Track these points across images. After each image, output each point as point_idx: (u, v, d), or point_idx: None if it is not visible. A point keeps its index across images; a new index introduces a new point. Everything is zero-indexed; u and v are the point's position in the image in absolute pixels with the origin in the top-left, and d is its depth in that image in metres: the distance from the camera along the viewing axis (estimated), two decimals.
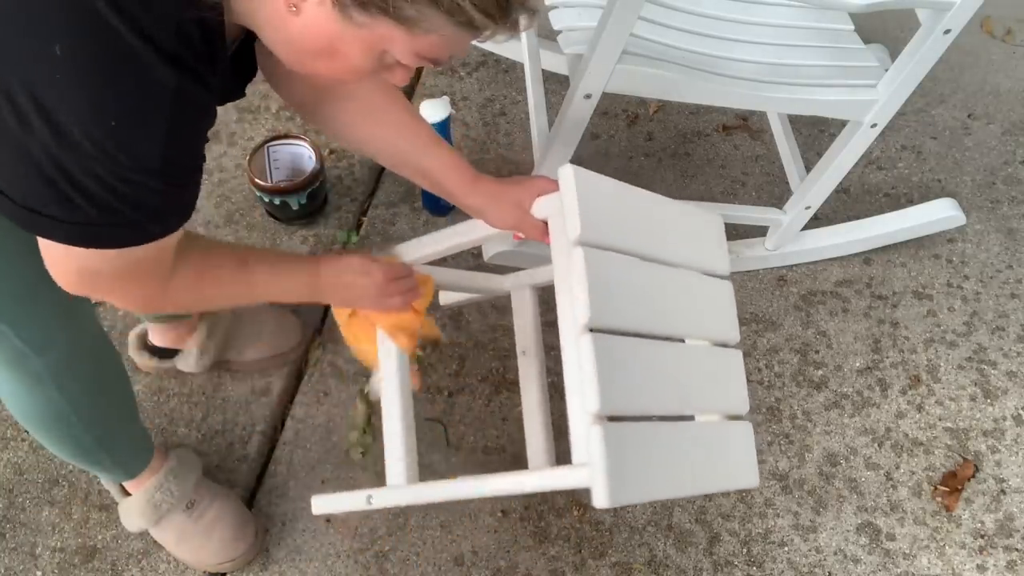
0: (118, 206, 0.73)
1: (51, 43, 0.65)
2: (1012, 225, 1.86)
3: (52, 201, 0.71)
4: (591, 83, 1.34)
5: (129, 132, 0.69)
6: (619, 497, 0.90)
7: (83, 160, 0.69)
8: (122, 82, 0.67)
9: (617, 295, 1.02)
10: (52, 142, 0.68)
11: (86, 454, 1.23)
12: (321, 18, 0.69)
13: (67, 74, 0.66)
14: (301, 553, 1.41)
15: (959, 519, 1.46)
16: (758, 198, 1.90)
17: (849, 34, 1.58)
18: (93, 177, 0.70)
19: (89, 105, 0.67)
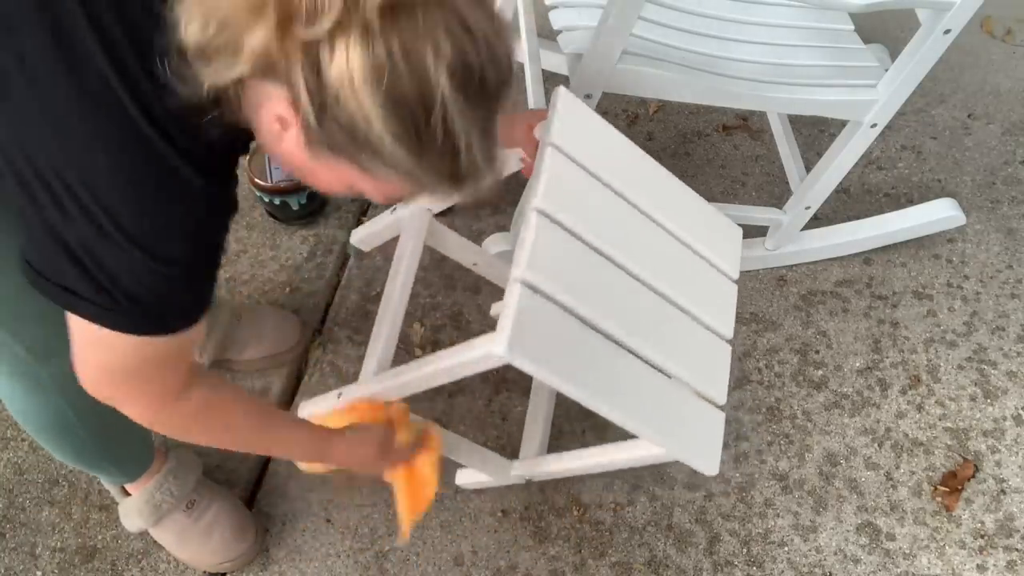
0: (143, 295, 0.77)
1: (95, 150, 0.71)
2: (1012, 225, 1.86)
3: (81, 281, 0.76)
4: (591, 83, 1.34)
5: (164, 232, 0.75)
6: (518, 349, 0.93)
7: (116, 251, 0.74)
8: (161, 191, 0.74)
9: (573, 204, 1.10)
10: (88, 233, 0.73)
11: (89, 459, 1.23)
12: (297, 152, 0.73)
13: (109, 178, 0.72)
14: (301, 553, 1.41)
15: (959, 519, 1.46)
16: (758, 198, 1.90)
17: (849, 34, 1.58)
18: (125, 268, 0.75)
19: (128, 207, 0.73)
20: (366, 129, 0.67)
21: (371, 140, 0.68)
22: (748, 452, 1.53)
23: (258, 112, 0.73)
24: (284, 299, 1.68)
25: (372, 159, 0.70)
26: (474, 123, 0.70)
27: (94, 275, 0.75)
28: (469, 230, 1.82)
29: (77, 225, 0.73)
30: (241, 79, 0.68)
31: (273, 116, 0.71)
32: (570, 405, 1.57)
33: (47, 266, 0.77)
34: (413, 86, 0.66)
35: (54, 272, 0.77)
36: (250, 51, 0.65)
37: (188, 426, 0.95)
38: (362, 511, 1.45)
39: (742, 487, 1.49)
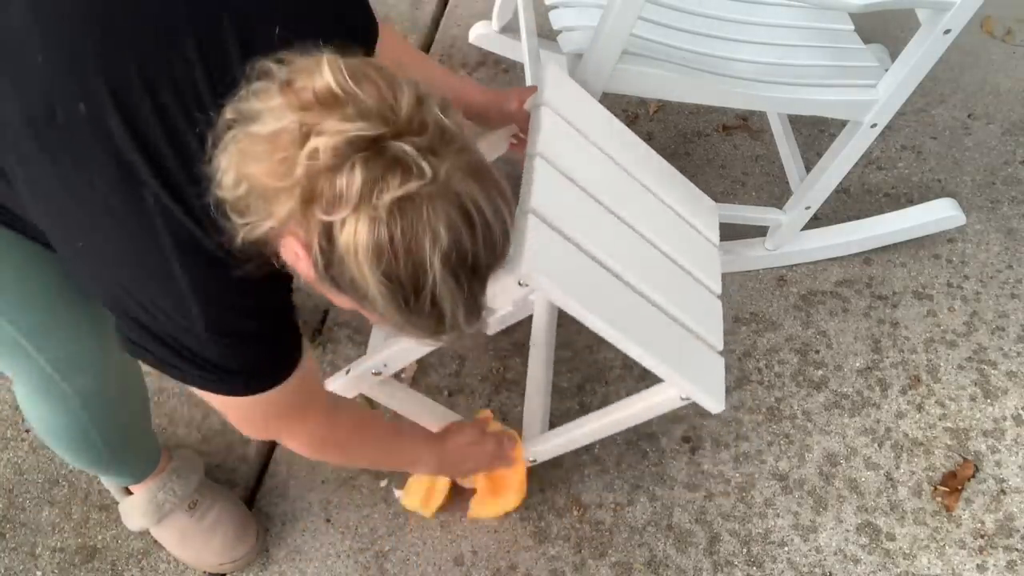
0: (237, 367, 0.89)
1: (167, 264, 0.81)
2: (1012, 225, 1.86)
3: (182, 362, 0.87)
4: (591, 83, 1.34)
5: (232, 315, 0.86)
6: (537, 270, 0.97)
7: (200, 342, 0.85)
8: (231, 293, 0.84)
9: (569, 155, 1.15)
10: (174, 329, 0.84)
11: (101, 464, 1.24)
12: (310, 276, 0.80)
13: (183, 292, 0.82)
14: (301, 553, 1.41)
15: (959, 519, 1.46)
16: (758, 198, 1.90)
17: (849, 34, 1.58)
18: (214, 353, 0.86)
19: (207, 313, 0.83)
20: (364, 288, 0.75)
21: (368, 297, 0.76)
22: (748, 452, 1.53)
23: (279, 242, 0.80)
24: None
25: (369, 307, 0.79)
26: (460, 297, 0.78)
27: (189, 359, 0.86)
28: None
29: (161, 323, 0.83)
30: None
31: (291, 249, 0.78)
32: (561, 390, 1.57)
33: (150, 346, 0.87)
34: (408, 268, 0.74)
35: (160, 354, 0.87)
36: (277, 216, 0.73)
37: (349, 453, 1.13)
38: (362, 511, 1.45)
39: (742, 487, 1.49)
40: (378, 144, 0.71)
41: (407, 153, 0.71)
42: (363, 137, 0.70)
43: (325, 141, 0.70)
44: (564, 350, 1.64)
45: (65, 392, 1.05)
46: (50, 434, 1.14)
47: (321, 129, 0.70)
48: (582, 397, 1.58)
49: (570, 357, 1.63)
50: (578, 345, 1.64)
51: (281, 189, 0.72)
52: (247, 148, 0.73)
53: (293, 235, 0.75)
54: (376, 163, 0.71)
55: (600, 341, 1.65)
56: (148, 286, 0.82)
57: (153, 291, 0.82)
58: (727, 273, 1.77)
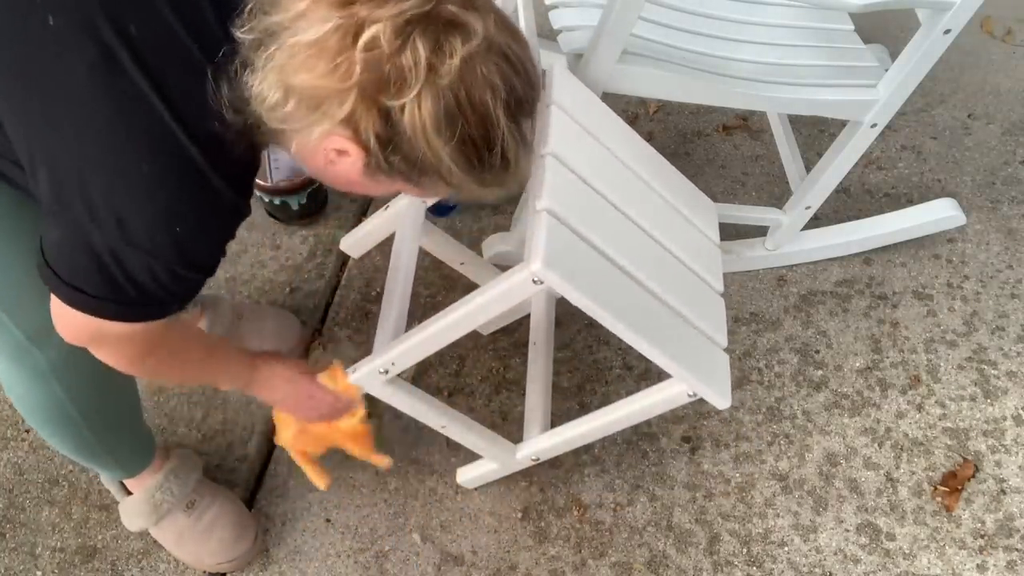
0: (157, 293, 0.85)
1: (137, 162, 0.77)
2: (1012, 225, 1.86)
3: (100, 284, 0.83)
4: (591, 83, 1.34)
5: (193, 239, 0.83)
6: (552, 266, 0.98)
7: (142, 256, 0.81)
8: (197, 201, 0.81)
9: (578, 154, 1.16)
10: (117, 238, 0.79)
11: (87, 451, 1.23)
12: (352, 172, 0.82)
13: (148, 188, 0.78)
14: (301, 553, 1.41)
15: (959, 519, 1.46)
16: (758, 198, 1.90)
17: (849, 34, 1.58)
18: (147, 270, 0.82)
19: (163, 215, 0.80)
20: (435, 163, 0.78)
21: (437, 169, 0.79)
22: (748, 452, 1.53)
23: (310, 146, 0.80)
24: (284, 299, 1.68)
25: (431, 179, 0.81)
26: (522, 140, 0.81)
27: (112, 275, 0.81)
28: (469, 230, 1.82)
29: (106, 232, 0.79)
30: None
31: (330, 149, 0.79)
32: (561, 390, 1.57)
33: (67, 270, 0.83)
34: (479, 127, 0.77)
35: (74, 276, 0.83)
36: (333, 118, 0.74)
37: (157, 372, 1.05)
38: (362, 511, 1.45)
39: (742, 487, 1.49)
40: (430, 15, 0.73)
41: (457, 15, 0.74)
42: (420, 12, 0.73)
43: (382, 27, 0.72)
44: (564, 350, 1.64)
45: (38, 362, 1.05)
46: (28, 409, 1.14)
47: (375, 17, 0.72)
48: (582, 397, 1.58)
49: (570, 357, 1.63)
50: (578, 345, 1.64)
51: (336, 90, 0.73)
52: (289, 60, 0.74)
53: (339, 135, 0.77)
54: (433, 33, 0.73)
55: (600, 341, 1.65)
56: (108, 176, 0.78)
57: (110, 183, 0.78)
58: (727, 273, 1.77)
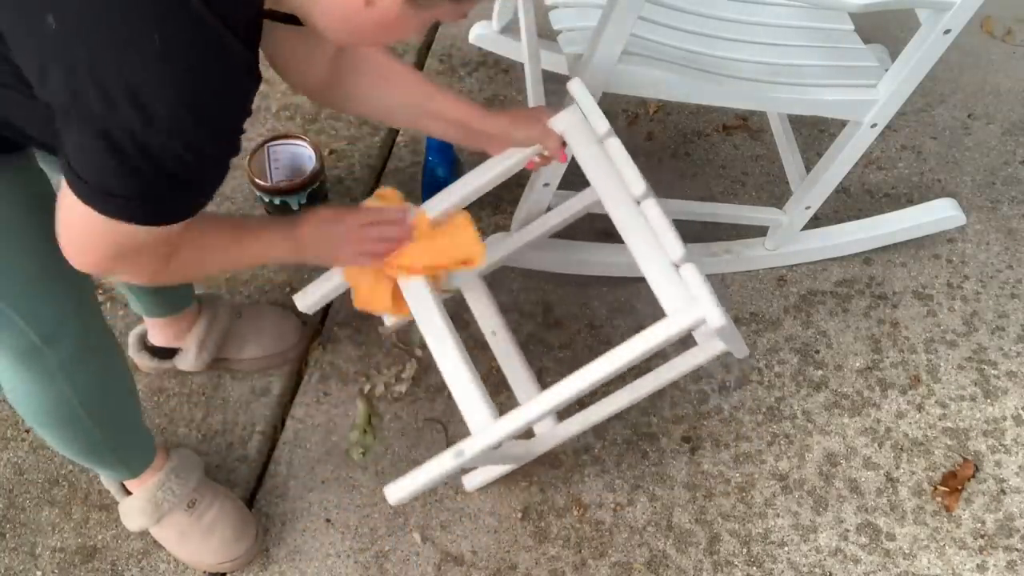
0: (187, 181, 0.83)
1: (149, 32, 0.72)
2: (1012, 225, 1.86)
3: (127, 180, 0.79)
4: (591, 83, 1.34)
5: (212, 106, 0.78)
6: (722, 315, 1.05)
7: (161, 135, 0.76)
8: (212, 66, 0.76)
9: None
10: (137, 121, 0.75)
11: (93, 452, 1.23)
12: (392, 8, 0.80)
13: (162, 58, 0.73)
14: (301, 553, 1.41)
15: (959, 519, 1.46)
16: (758, 198, 1.90)
17: (849, 34, 1.58)
18: (172, 153, 0.78)
19: (179, 85, 0.75)
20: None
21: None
22: (748, 452, 1.53)
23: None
24: (284, 299, 1.68)
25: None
26: None
27: (138, 167, 0.78)
28: None
29: (124, 117, 0.75)
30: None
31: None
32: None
33: (90, 170, 0.79)
34: None
35: (98, 176, 0.79)
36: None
37: (186, 274, 1.02)
38: (362, 511, 1.45)
39: (742, 487, 1.49)
40: None
41: None
42: None
43: None
44: (564, 350, 1.64)
45: (48, 362, 1.04)
46: (32, 411, 1.12)
47: None
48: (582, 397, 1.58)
49: (570, 357, 1.63)
50: (578, 345, 1.64)
51: None
52: None
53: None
54: None
55: (600, 341, 1.65)
56: (119, 53, 0.73)
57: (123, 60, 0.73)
58: (727, 273, 1.77)
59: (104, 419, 1.18)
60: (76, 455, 1.24)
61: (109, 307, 1.67)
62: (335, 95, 1.19)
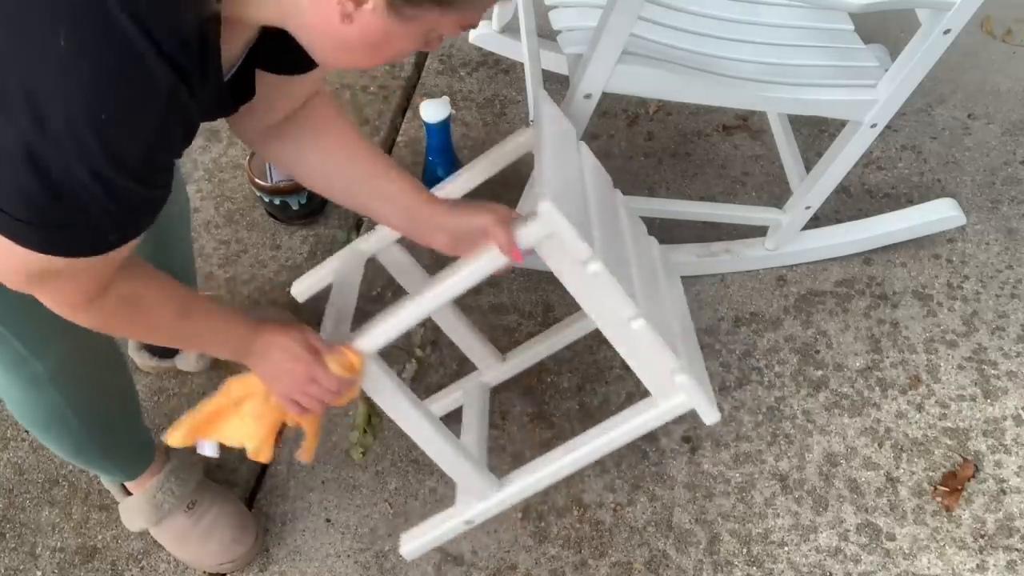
0: (85, 206, 0.71)
1: (55, 34, 0.65)
2: (1012, 225, 1.86)
3: (19, 199, 0.70)
4: (591, 83, 1.34)
5: (118, 128, 0.69)
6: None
7: (61, 152, 0.67)
8: (123, 79, 0.67)
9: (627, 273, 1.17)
10: (32, 131, 0.66)
11: (86, 455, 1.23)
12: (374, 22, 0.74)
13: (68, 65, 0.65)
14: (301, 553, 1.41)
15: (959, 519, 1.46)
16: (758, 198, 1.90)
17: (849, 34, 1.58)
18: (67, 172, 0.69)
19: (84, 97, 0.66)
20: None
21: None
22: (748, 452, 1.53)
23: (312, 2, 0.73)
24: (284, 299, 1.68)
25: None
26: None
27: (31, 188, 0.69)
28: None
29: (21, 125, 0.67)
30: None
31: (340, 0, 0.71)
32: (561, 390, 1.57)
33: None
34: None
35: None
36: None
37: (109, 323, 0.90)
38: (362, 511, 1.45)
39: (742, 487, 1.49)
40: None
41: None
42: None
43: None
44: (564, 350, 1.63)
45: (37, 372, 1.04)
46: (27, 417, 1.13)
47: None
48: (582, 397, 1.58)
49: (570, 357, 1.63)
50: (578, 345, 1.64)
51: None
52: None
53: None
54: None
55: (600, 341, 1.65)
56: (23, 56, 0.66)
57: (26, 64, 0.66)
58: (727, 273, 1.77)
59: (98, 425, 1.18)
60: (71, 458, 1.24)
61: None
62: (278, 149, 1.07)
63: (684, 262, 1.73)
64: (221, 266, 1.75)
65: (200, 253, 1.76)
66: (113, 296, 0.85)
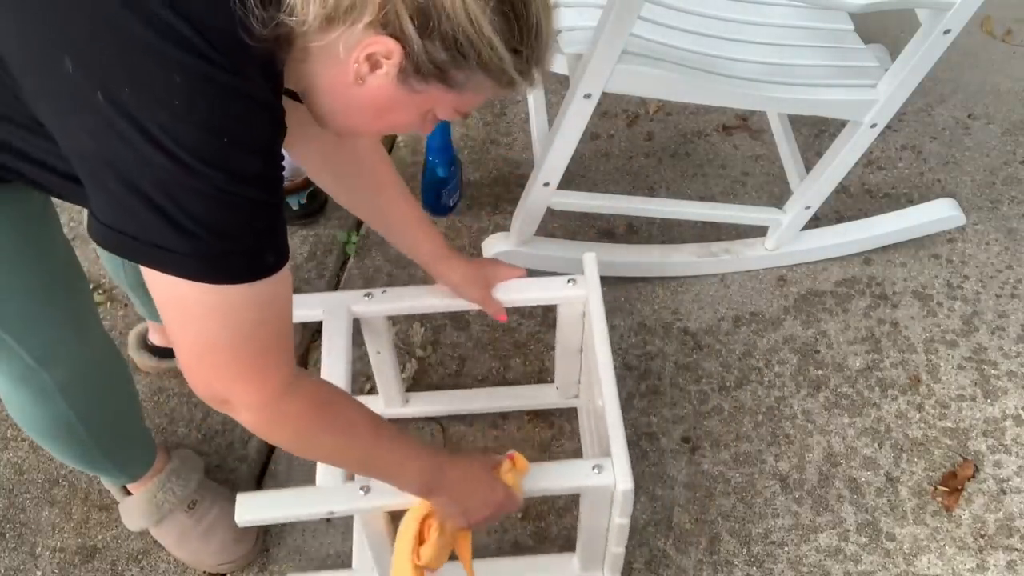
0: (228, 228, 0.76)
1: (171, 75, 0.70)
2: (1012, 225, 1.86)
3: (170, 234, 0.73)
4: (591, 83, 1.34)
5: (237, 147, 0.74)
6: None
7: (194, 181, 0.72)
8: (234, 104, 0.73)
9: None
10: (166, 169, 0.71)
11: (91, 462, 1.24)
12: (384, 88, 0.78)
13: (185, 100, 0.71)
14: (301, 553, 1.41)
15: (959, 519, 1.46)
16: (758, 198, 1.90)
17: (849, 34, 1.58)
18: (204, 199, 0.73)
19: (205, 126, 0.72)
20: (476, 38, 0.75)
21: (478, 49, 0.75)
22: (748, 452, 1.53)
23: (333, 62, 0.77)
24: None
25: (468, 71, 0.78)
26: (546, 5, 0.80)
27: (175, 218, 0.73)
28: (469, 230, 1.82)
29: (150, 162, 0.71)
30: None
31: (362, 60, 0.76)
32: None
33: (131, 224, 0.74)
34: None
35: (139, 228, 0.74)
36: (374, 6, 0.72)
37: (307, 427, 0.89)
38: None
39: (742, 487, 1.49)
40: None
41: None
42: None
43: None
44: None
45: (45, 383, 1.05)
46: (33, 427, 1.13)
47: None
48: None
49: None
50: None
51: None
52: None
53: (363, 40, 0.74)
54: None
55: None
56: (141, 97, 0.71)
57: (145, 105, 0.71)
58: (727, 273, 1.77)
59: (103, 433, 1.18)
60: (74, 464, 1.24)
61: (109, 307, 1.67)
62: (323, 180, 1.21)
63: (684, 262, 1.73)
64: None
65: None
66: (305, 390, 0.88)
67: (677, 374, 1.62)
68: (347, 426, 0.93)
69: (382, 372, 1.43)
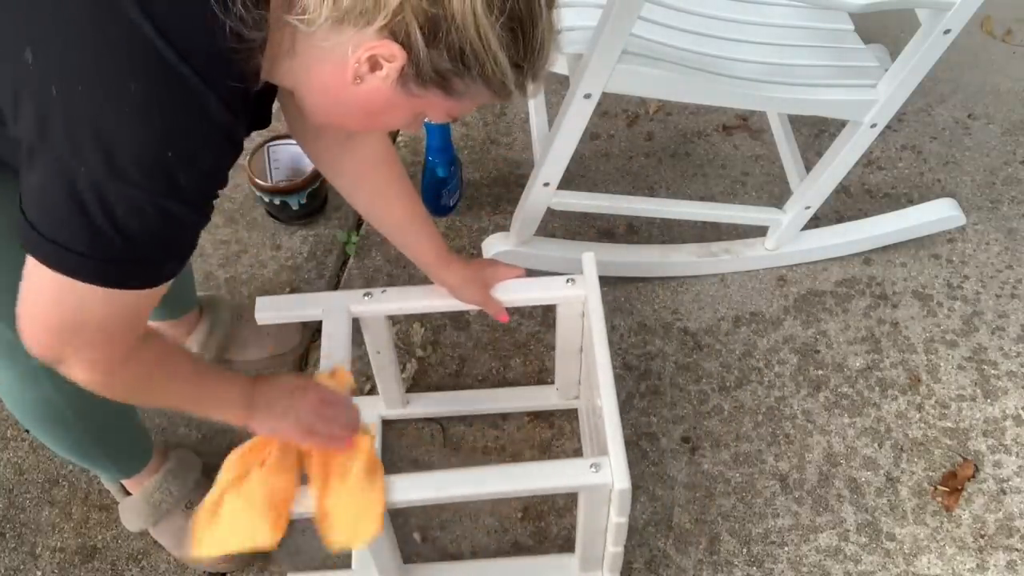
0: (145, 242, 0.76)
1: (125, 81, 0.70)
2: (1012, 225, 1.86)
3: (80, 234, 0.74)
4: (591, 83, 1.34)
5: (181, 163, 0.74)
6: None
7: (127, 188, 0.72)
8: (187, 119, 0.74)
9: None
10: (102, 170, 0.71)
11: (82, 451, 1.23)
12: (381, 89, 0.78)
13: (137, 108, 0.71)
14: (301, 553, 1.41)
15: (959, 519, 1.46)
16: (758, 198, 1.90)
17: (849, 34, 1.58)
18: (133, 208, 0.74)
19: (152, 137, 0.72)
20: (482, 51, 0.75)
21: (482, 61, 0.76)
22: (748, 452, 1.53)
23: (331, 61, 0.77)
24: None
25: (469, 80, 0.78)
26: (551, 24, 0.82)
27: (95, 221, 0.73)
28: (469, 229, 1.82)
29: (91, 165, 0.71)
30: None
31: (363, 61, 0.75)
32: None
33: (44, 218, 0.75)
34: (524, 6, 0.76)
35: (50, 225, 0.75)
36: (389, 7, 0.71)
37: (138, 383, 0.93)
38: None
39: (742, 487, 1.49)
40: None
41: None
42: None
43: None
44: None
45: (32, 364, 1.03)
46: (24, 412, 1.13)
47: None
48: None
49: None
50: None
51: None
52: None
53: (366, 42, 0.74)
54: None
55: None
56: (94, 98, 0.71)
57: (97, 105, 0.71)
58: (727, 273, 1.77)
59: (93, 421, 1.18)
60: (68, 454, 1.24)
61: None
62: (319, 148, 1.19)
63: (684, 262, 1.73)
64: (221, 266, 1.75)
65: (200, 253, 1.76)
66: (143, 357, 0.89)
67: (677, 374, 1.62)
68: (173, 374, 0.97)
69: (382, 372, 1.43)
